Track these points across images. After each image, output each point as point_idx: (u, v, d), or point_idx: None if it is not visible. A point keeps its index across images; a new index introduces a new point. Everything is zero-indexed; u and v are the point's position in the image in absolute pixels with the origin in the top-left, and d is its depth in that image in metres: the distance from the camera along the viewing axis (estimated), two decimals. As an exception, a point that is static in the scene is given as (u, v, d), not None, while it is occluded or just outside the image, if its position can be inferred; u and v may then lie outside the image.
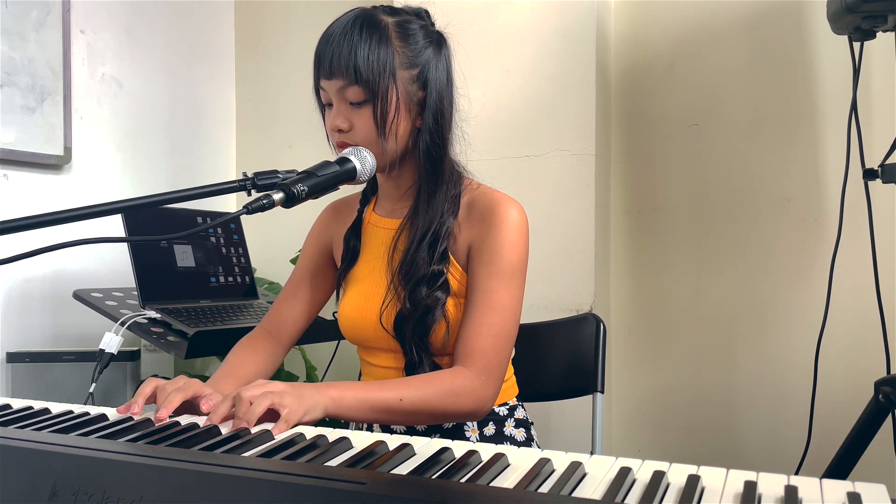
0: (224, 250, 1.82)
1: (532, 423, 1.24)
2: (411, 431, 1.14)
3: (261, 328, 1.27)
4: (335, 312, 1.28)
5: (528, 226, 1.11)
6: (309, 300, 1.27)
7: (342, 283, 1.22)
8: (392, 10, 1.10)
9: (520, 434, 1.19)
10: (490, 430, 1.17)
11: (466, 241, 1.12)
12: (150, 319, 1.54)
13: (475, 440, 1.15)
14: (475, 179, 1.19)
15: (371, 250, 1.19)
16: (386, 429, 1.16)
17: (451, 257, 1.11)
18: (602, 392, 1.31)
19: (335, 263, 1.27)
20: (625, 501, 0.60)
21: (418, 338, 1.09)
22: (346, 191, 1.33)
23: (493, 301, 1.07)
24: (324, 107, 1.12)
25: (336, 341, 1.69)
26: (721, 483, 0.63)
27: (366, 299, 1.15)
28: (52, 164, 1.95)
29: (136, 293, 1.60)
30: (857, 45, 1.54)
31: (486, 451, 0.75)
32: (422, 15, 1.13)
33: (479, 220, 1.11)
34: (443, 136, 1.11)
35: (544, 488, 0.64)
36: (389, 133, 1.06)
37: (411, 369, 1.11)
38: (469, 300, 1.09)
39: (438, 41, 1.12)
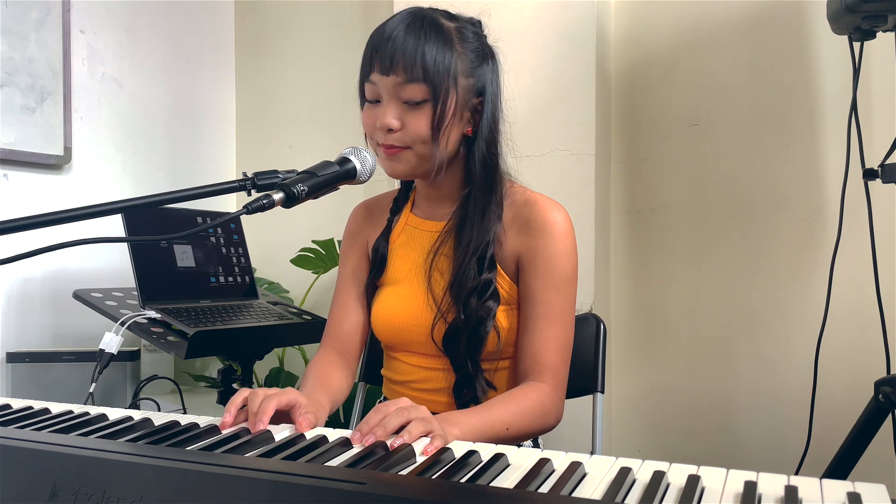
0: (224, 250, 1.82)
1: None
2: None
3: (327, 347, 1.21)
4: None
5: (573, 227, 1.11)
6: (365, 306, 1.22)
7: (375, 288, 1.19)
8: (450, 15, 1.08)
9: (527, 441, 1.19)
10: None
11: (514, 250, 1.10)
12: (150, 319, 1.54)
13: None
14: (514, 180, 1.17)
15: (409, 253, 1.16)
16: None
17: (498, 266, 1.09)
18: (602, 392, 1.31)
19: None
20: (625, 501, 0.60)
21: (472, 351, 1.07)
22: (372, 191, 1.32)
23: (555, 313, 1.07)
24: (364, 103, 1.08)
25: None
26: (721, 483, 0.63)
27: (404, 302, 1.13)
28: (52, 164, 1.95)
29: (136, 293, 1.60)
30: (857, 45, 1.54)
31: (486, 451, 0.75)
32: (476, 24, 1.11)
33: (526, 229, 1.10)
34: (497, 145, 1.10)
35: (544, 488, 0.64)
36: (442, 136, 1.04)
37: (464, 384, 1.09)
38: (528, 312, 1.08)
39: (492, 52, 1.11)
